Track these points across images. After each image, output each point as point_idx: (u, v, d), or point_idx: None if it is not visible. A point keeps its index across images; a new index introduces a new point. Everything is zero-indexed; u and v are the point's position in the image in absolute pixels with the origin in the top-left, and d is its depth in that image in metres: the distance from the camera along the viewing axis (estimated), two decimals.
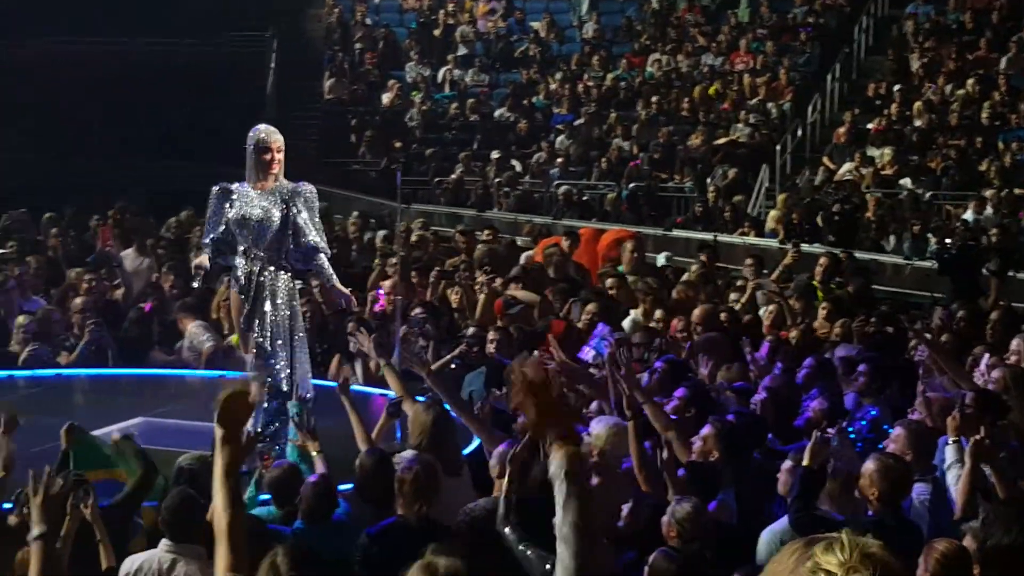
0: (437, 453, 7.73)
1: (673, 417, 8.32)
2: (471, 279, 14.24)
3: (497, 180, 22.80)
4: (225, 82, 26.61)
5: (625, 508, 7.01)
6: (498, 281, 13.84)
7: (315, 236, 10.05)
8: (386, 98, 26.49)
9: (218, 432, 4.13)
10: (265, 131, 10.14)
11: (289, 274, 10.16)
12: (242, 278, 9.97)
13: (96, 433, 9.75)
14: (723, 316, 12.13)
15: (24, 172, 23.01)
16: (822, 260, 14.73)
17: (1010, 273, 15.70)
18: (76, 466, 7.62)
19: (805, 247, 16.42)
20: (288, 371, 10.03)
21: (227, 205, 10.00)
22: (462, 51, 27.63)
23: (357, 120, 25.99)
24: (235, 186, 10.06)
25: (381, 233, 17.43)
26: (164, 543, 6.89)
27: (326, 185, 23.89)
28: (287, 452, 9.01)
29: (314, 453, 8.28)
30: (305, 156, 25.73)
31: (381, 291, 13.68)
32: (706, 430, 7.92)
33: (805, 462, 6.86)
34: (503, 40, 27.89)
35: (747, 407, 8.95)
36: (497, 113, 25.89)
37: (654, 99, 24.87)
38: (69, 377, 12.67)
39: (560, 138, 24.44)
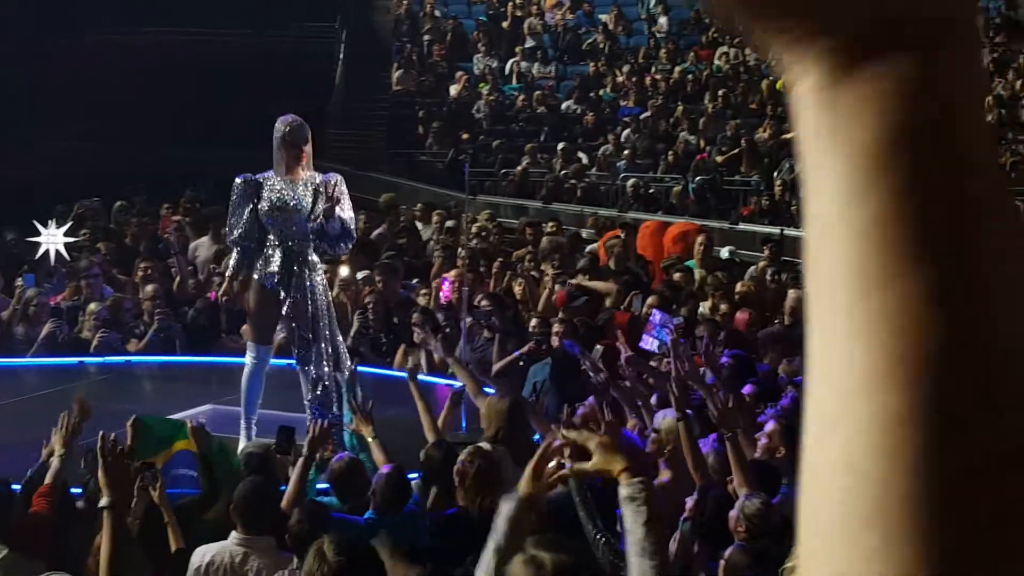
0: (512, 443, 7.73)
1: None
2: (536, 271, 14.28)
3: (563, 172, 22.77)
4: (294, 73, 26.78)
5: (689, 501, 7.01)
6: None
7: (349, 222, 10.14)
8: (453, 89, 26.54)
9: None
10: (291, 123, 10.14)
11: (320, 264, 10.24)
12: (276, 271, 10.00)
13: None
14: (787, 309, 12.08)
15: (95, 161, 23.26)
16: None
17: None
18: (141, 456, 7.69)
19: None
20: (328, 360, 10.11)
21: (255, 197, 10.02)
22: (530, 43, 27.63)
23: (424, 111, 26.05)
24: (263, 176, 10.07)
25: (447, 224, 17.45)
26: (235, 535, 6.94)
27: (393, 175, 24.07)
28: (344, 437, 9.03)
29: (370, 439, 8.29)
30: (372, 147, 25.90)
31: (446, 281, 13.73)
32: (770, 426, 7.90)
33: None
34: (571, 32, 27.86)
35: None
36: (564, 105, 25.88)
37: (721, 92, 24.77)
38: (138, 364, 12.84)
39: (627, 131, 24.39)
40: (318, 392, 10.03)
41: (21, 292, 13.53)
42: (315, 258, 10.15)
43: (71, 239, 13.72)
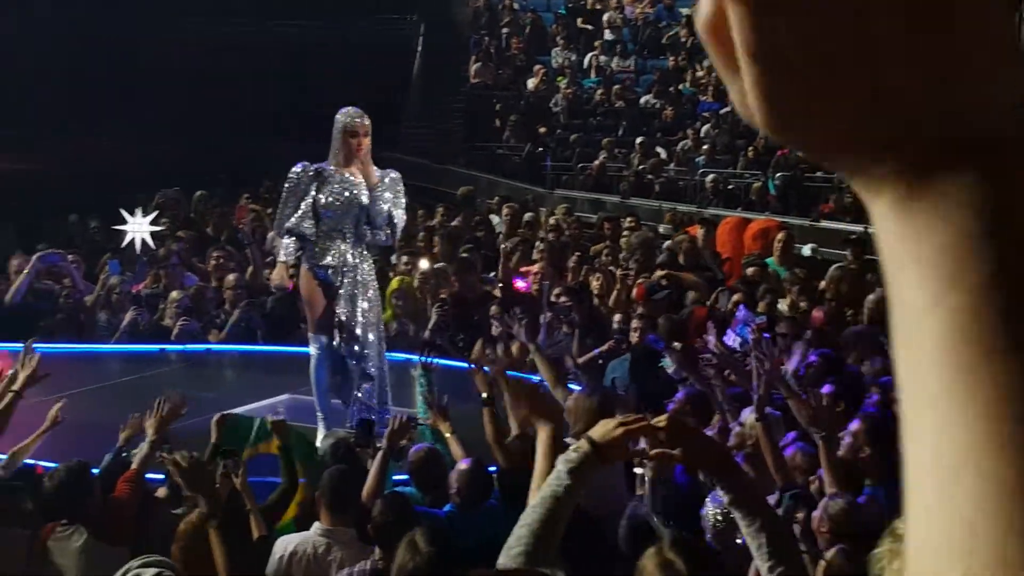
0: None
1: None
2: (614, 266, 14.21)
3: (641, 167, 22.68)
4: (372, 65, 26.87)
5: (771, 499, 6.95)
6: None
7: (398, 223, 10.12)
8: (531, 83, 26.50)
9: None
10: (352, 114, 10.10)
11: (371, 257, 10.24)
12: (331, 263, 9.99)
13: (241, 411, 9.95)
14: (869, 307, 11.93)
15: (176, 152, 23.46)
16: None
17: None
18: (228, 446, 7.73)
19: None
20: (379, 353, 10.14)
21: (313, 187, 10.00)
22: (609, 37, 27.54)
23: (502, 104, 26.05)
24: (322, 167, 10.05)
25: (524, 217, 17.40)
26: (317, 526, 6.96)
27: (470, 168, 24.08)
28: (422, 432, 9.02)
29: (448, 434, 8.28)
30: (450, 140, 25.93)
31: (521, 276, 13.69)
32: (855, 426, 7.80)
33: None
34: (651, 26, 27.74)
35: (892, 402, 8.82)
36: (643, 100, 25.77)
37: None
38: (218, 352, 12.92)
39: (706, 126, 24.25)
40: (367, 385, 10.06)
41: (105, 279, 13.64)
42: (366, 251, 10.15)
43: (156, 228, 13.84)
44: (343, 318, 9.99)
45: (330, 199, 9.93)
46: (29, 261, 13.37)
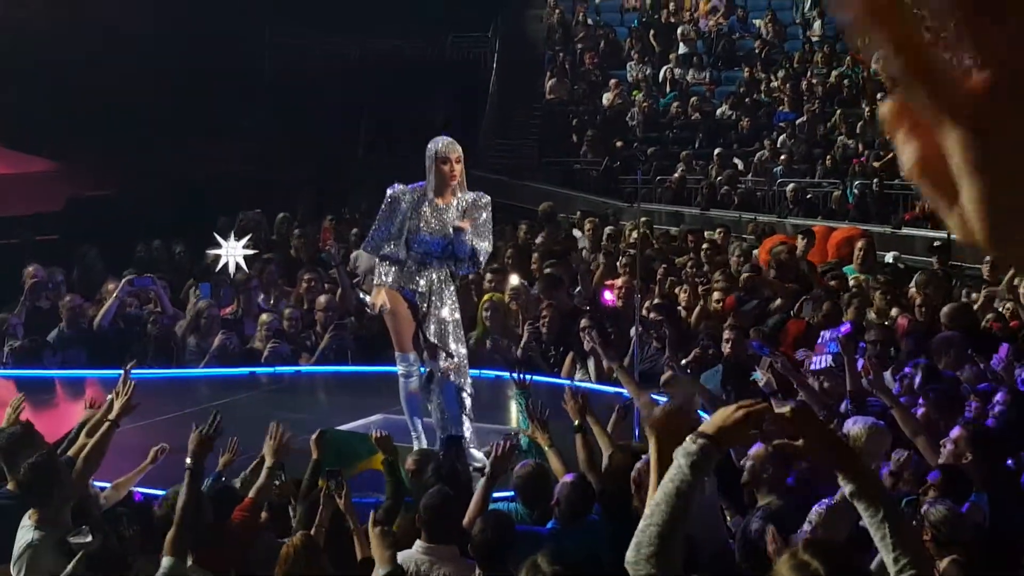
0: None
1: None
2: (700, 277, 14.17)
3: (719, 179, 22.62)
4: (448, 82, 27.00)
5: None
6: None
7: (484, 246, 10.12)
8: (607, 97, 26.49)
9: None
10: (445, 143, 10.11)
11: (454, 280, 10.26)
12: (422, 289, 10.04)
13: (342, 428, 9.99)
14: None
15: (255, 172, 23.65)
16: None
17: None
18: (327, 467, 7.75)
19: None
20: (465, 373, 10.16)
21: (408, 212, 10.04)
22: (683, 50, 27.49)
23: (578, 119, 26.06)
24: (416, 192, 10.08)
25: (606, 230, 17.36)
26: (420, 544, 6.98)
27: (547, 184, 24.12)
28: (521, 442, 9.01)
29: (547, 447, 8.28)
30: (526, 155, 25.99)
31: (608, 289, 13.67)
32: (956, 432, 7.74)
33: None
34: (725, 38, 27.67)
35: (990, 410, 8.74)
36: (719, 111, 25.70)
37: (879, 96, 24.39)
38: (308, 374, 12.99)
39: (783, 136, 24.15)
40: (461, 403, 10.09)
41: (195, 303, 13.76)
42: (446, 274, 10.19)
43: (249, 251, 13.93)
44: (433, 339, 10.02)
45: (424, 226, 9.97)
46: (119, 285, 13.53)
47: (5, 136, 21.16)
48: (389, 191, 10.19)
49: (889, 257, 16.43)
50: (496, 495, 7.97)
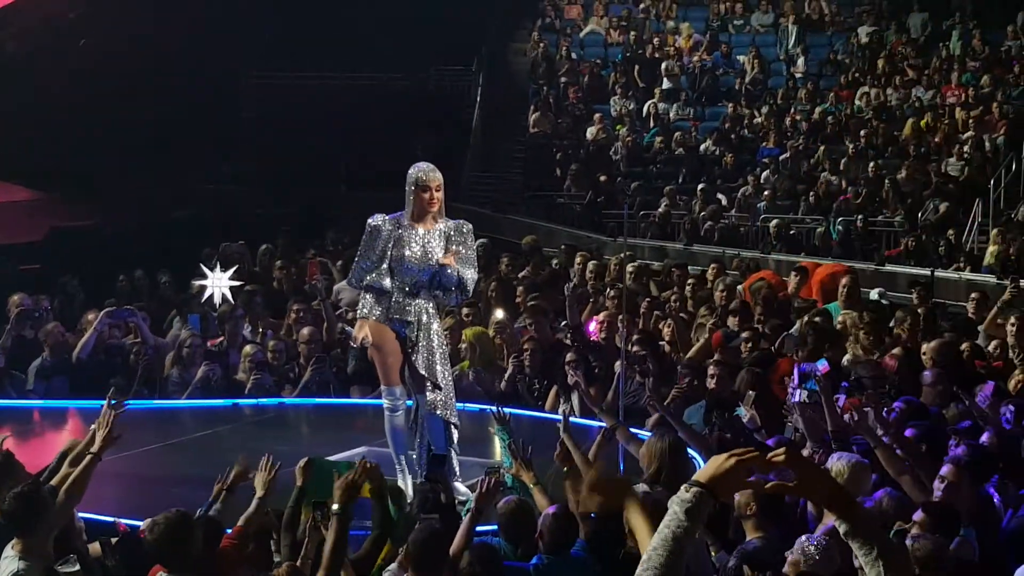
0: (672, 483, 7.65)
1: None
2: (684, 312, 14.19)
3: (702, 214, 22.65)
4: (431, 115, 27.04)
5: None
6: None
7: (469, 275, 10.11)
8: (590, 132, 26.54)
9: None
10: (424, 169, 10.11)
11: (440, 311, 10.25)
12: (409, 320, 10.02)
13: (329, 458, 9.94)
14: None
15: (238, 204, 23.65)
16: None
17: None
18: (313, 497, 7.70)
19: None
20: (450, 405, 10.14)
21: (390, 241, 10.03)
22: (667, 85, 27.57)
23: (562, 153, 26.08)
24: (397, 221, 10.08)
25: (589, 265, 17.34)
26: None
27: (530, 217, 24.13)
28: (506, 480, 8.97)
29: (531, 485, 8.25)
30: (510, 189, 26.00)
31: (592, 322, 13.68)
32: (946, 470, 7.74)
33: None
34: (708, 73, 27.76)
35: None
36: (703, 147, 25.76)
37: (863, 132, 24.50)
38: (292, 405, 12.95)
39: (766, 172, 24.20)
40: (448, 437, 10.08)
41: (176, 334, 13.74)
42: (434, 307, 10.17)
43: (235, 282, 13.91)
44: (423, 372, 9.99)
45: (408, 254, 9.96)
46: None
47: None
48: (370, 221, 10.18)
49: (874, 293, 16.44)
50: (479, 529, 7.95)
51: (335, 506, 7.04)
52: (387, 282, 10.02)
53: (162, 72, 23.97)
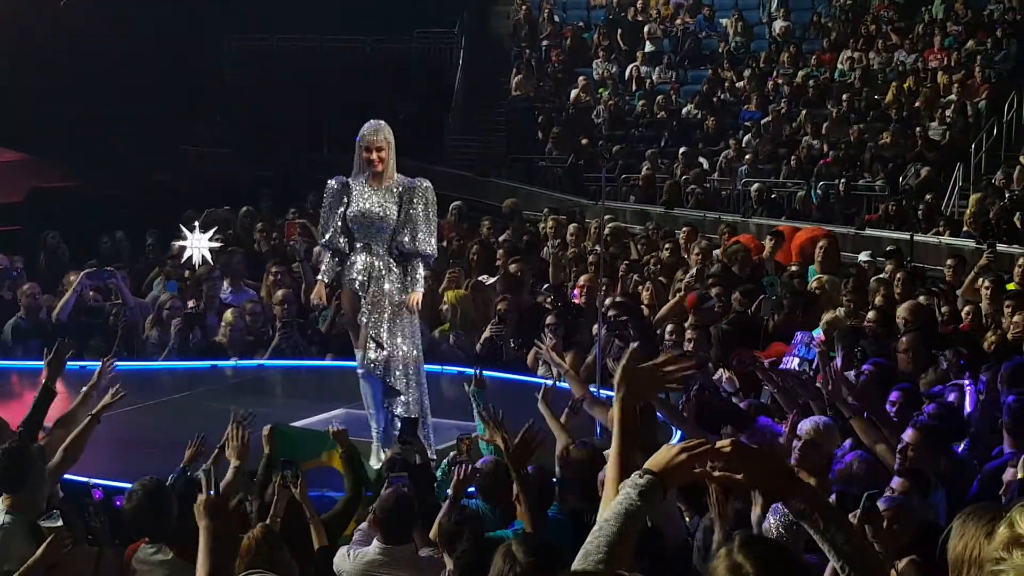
0: (644, 442, 7.67)
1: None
2: (663, 276, 14.22)
3: (684, 177, 22.65)
4: (414, 78, 26.98)
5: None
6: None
7: (422, 236, 10.13)
8: (573, 95, 26.50)
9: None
10: (369, 129, 10.15)
11: (400, 268, 10.25)
12: (361, 275, 10.05)
13: (299, 424, 9.98)
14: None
15: (221, 167, 23.60)
16: (1021, 261, 14.30)
17: None
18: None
19: (1002, 248, 16.02)
20: (402, 367, 10.15)
21: (345, 200, 10.09)
22: (649, 48, 27.51)
23: (544, 117, 26.05)
24: (351, 180, 10.14)
25: (570, 228, 17.36)
26: (376, 545, 7.00)
27: (512, 181, 24.14)
28: (481, 448, 9.00)
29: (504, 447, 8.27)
30: (492, 152, 25.97)
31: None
32: (909, 434, 7.78)
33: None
34: (691, 37, 27.71)
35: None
36: (684, 110, 25.73)
37: (845, 96, 24.49)
38: (271, 368, 12.98)
39: (748, 136, 24.20)
40: (393, 398, 10.12)
41: (155, 296, 13.74)
42: (394, 266, 10.18)
43: (215, 244, 13.92)
44: (369, 328, 10.04)
45: (354, 213, 10.03)
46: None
47: None
48: (329, 182, 10.28)
49: (864, 256, 16.42)
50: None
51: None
52: (341, 242, 10.11)
53: (144, 35, 23.84)
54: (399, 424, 10.00)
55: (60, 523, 6.51)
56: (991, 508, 3.79)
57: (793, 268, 14.72)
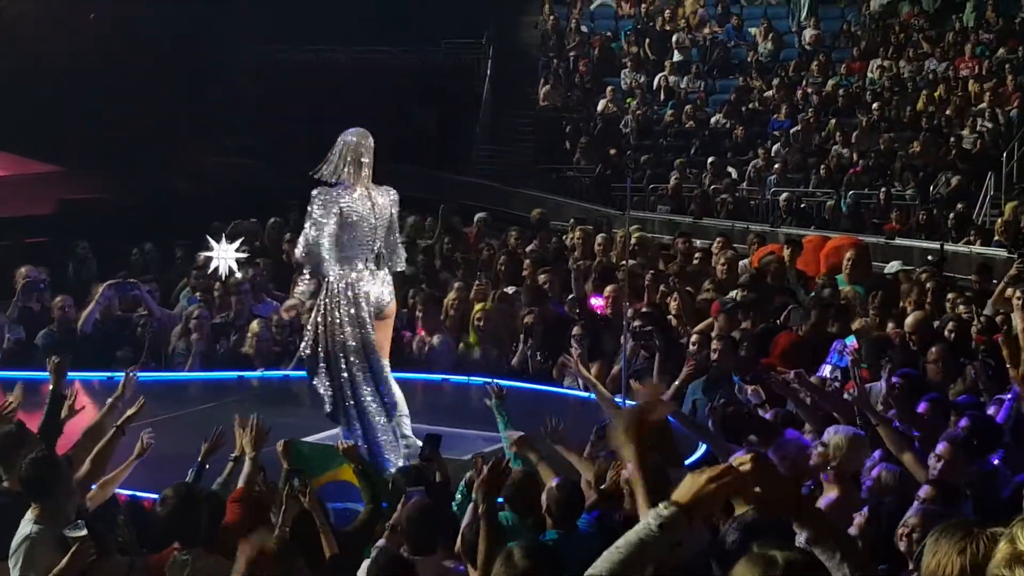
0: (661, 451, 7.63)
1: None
2: (691, 286, 14.13)
3: (712, 187, 22.56)
4: (442, 89, 26.95)
5: (858, 517, 6.90)
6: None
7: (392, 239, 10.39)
8: (601, 105, 26.44)
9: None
10: (356, 134, 10.26)
11: (385, 280, 10.31)
12: (342, 282, 10.10)
13: (311, 439, 9.99)
14: (949, 327, 11.71)
15: (248, 178, 23.62)
16: None
17: None
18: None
19: None
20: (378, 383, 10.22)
21: (335, 208, 10.12)
22: (678, 57, 27.45)
23: (571, 127, 25.99)
24: (340, 188, 10.19)
25: (597, 239, 17.27)
26: (403, 553, 6.96)
27: (540, 191, 24.07)
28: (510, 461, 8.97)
29: (536, 460, 8.25)
30: (520, 162, 25.92)
31: (599, 296, 13.65)
32: (941, 447, 7.71)
33: None
34: (720, 46, 27.63)
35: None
36: (713, 120, 25.64)
37: (875, 105, 24.36)
38: (296, 379, 12.95)
39: (777, 145, 24.09)
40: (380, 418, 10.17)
41: (183, 307, 13.76)
42: (382, 274, 10.26)
43: (241, 255, 13.91)
44: (351, 343, 10.09)
45: (349, 219, 10.13)
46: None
47: (2, 140, 21.21)
48: (315, 192, 10.40)
49: (895, 265, 16.30)
50: None
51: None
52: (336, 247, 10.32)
53: (169, 48, 23.89)
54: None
55: (85, 532, 6.50)
56: (964, 525, 3.76)
57: (820, 280, 14.58)
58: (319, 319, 10.29)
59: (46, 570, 6.57)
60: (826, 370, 9.85)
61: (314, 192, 10.30)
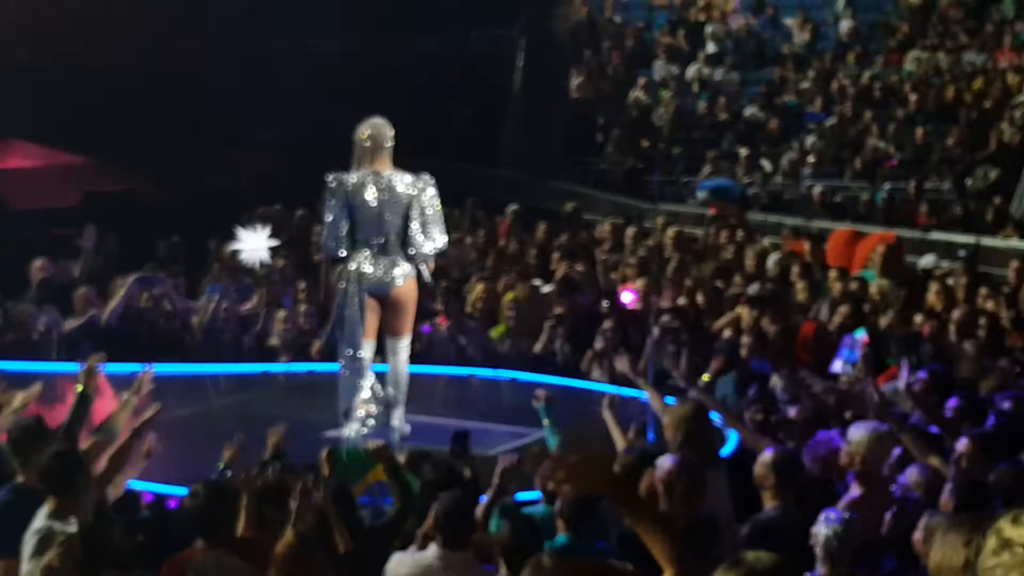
0: (696, 449, 7.53)
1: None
2: (721, 281, 14.00)
3: (747, 180, 22.36)
4: (472, 80, 26.80)
5: (888, 515, 6.80)
6: None
7: (413, 227, 10.32)
8: (633, 96, 26.24)
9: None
10: (373, 125, 10.24)
11: (407, 264, 10.24)
12: (359, 269, 10.03)
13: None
14: (981, 323, 11.55)
15: (278, 170, 23.54)
16: None
17: None
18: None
19: None
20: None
21: (340, 192, 10.10)
22: (712, 49, 27.22)
23: (604, 118, 25.81)
24: (353, 175, 10.13)
25: (628, 232, 17.13)
26: (435, 550, 6.85)
27: (572, 183, 23.90)
28: (550, 445, 8.98)
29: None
30: (551, 154, 25.75)
31: (628, 291, 13.51)
32: (960, 445, 7.54)
33: None
34: (754, 37, 27.39)
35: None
36: (747, 112, 25.40)
37: (912, 98, 24.08)
38: (321, 372, 12.87)
39: (811, 137, 23.84)
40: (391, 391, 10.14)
41: (207, 300, 13.67)
42: (400, 260, 10.19)
43: (272, 243, 13.74)
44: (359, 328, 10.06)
45: (363, 205, 10.11)
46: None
47: (29, 130, 21.16)
48: (329, 180, 10.54)
49: (929, 259, 16.10)
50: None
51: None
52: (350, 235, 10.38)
53: (199, 38, 23.84)
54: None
55: (75, 528, 6.45)
56: (971, 519, 3.83)
57: (852, 275, 14.39)
58: (336, 303, 10.34)
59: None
60: (837, 365, 9.68)
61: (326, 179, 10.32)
